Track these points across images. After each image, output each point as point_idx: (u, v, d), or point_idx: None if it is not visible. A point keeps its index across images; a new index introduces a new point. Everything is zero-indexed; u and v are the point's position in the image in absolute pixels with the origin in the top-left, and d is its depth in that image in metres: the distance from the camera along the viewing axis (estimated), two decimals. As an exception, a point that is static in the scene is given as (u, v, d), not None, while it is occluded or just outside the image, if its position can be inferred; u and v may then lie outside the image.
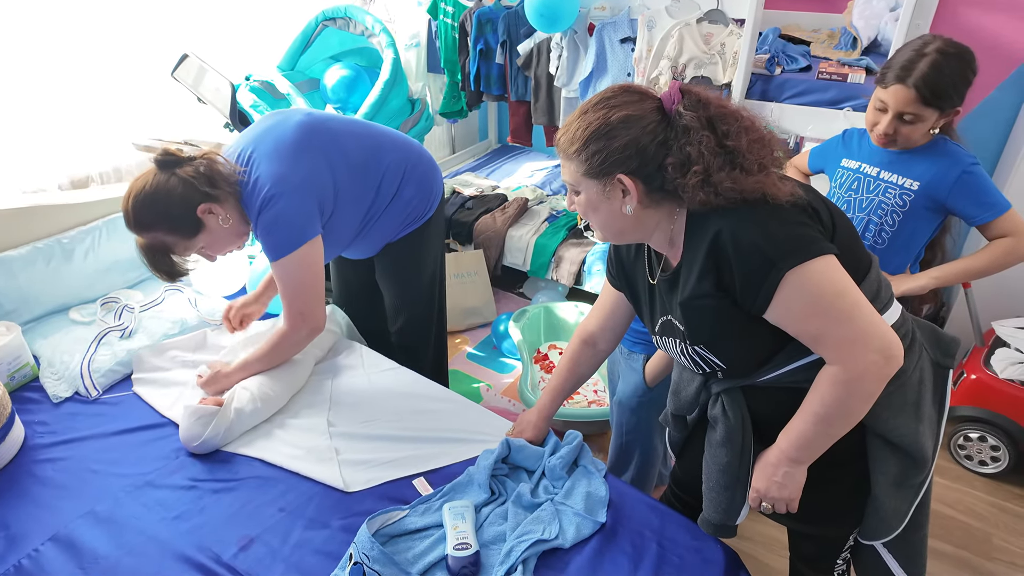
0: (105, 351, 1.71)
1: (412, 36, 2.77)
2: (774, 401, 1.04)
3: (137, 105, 2.15)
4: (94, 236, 1.96)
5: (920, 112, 1.42)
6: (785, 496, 1.04)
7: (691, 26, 1.98)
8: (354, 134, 1.57)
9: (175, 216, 1.38)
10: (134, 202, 1.37)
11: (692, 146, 0.91)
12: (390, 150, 1.62)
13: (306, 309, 1.50)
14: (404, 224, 1.67)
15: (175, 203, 1.37)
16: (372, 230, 1.64)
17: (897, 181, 1.53)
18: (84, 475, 1.40)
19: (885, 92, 1.45)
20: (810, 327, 0.91)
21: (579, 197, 1.01)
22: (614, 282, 1.24)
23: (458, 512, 1.25)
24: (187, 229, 1.40)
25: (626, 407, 1.63)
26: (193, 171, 1.39)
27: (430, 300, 1.86)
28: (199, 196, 1.38)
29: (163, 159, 1.39)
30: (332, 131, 1.53)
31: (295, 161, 1.44)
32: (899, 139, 1.49)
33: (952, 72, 1.39)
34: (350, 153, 1.54)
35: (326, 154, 1.49)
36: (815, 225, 0.92)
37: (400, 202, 1.64)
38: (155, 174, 1.39)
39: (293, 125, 1.48)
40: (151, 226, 1.38)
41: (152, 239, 1.40)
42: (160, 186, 1.37)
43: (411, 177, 1.64)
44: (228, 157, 1.47)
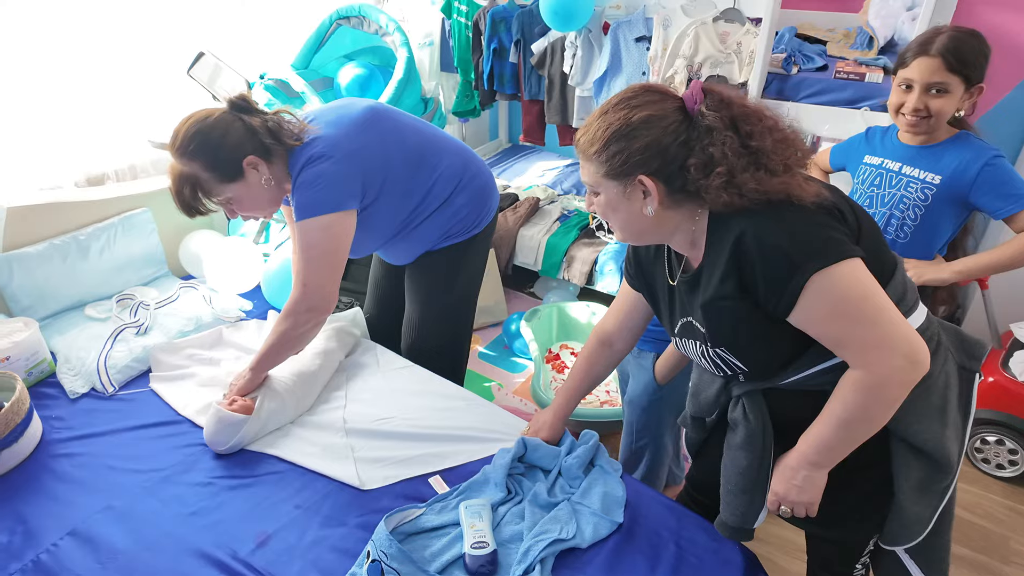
0: (121, 347, 1.72)
1: (425, 35, 2.77)
2: (795, 404, 1.03)
3: (152, 103, 2.15)
4: (110, 233, 1.97)
5: (947, 80, 1.40)
6: (805, 500, 1.03)
7: (707, 25, 1.97)
8: (417, 130, 1.55)
9: (221, 155, 1.34)
10: (188, 127, 1.33)
11: (715, 147, 0.90)
12: (450, 154, 1.58)
13: (312, 280, 1.40)
14: (448, 234, 1.61)
15: (228, 143, 1.33)
16: (414, 232, 1.59)
17: (919, 175, 1.52)
18: (101, 471, 1.41)
19: (908, 69, 1.44)
20: (834, 331, 0.90)
21: (599, 198, 1.01)
22: (632, 282, 1.23)
23: (475, 511, 1.25)
24: (226, 173, 1.35)
25: (637, 406, 1.62)
26: (260, 123, 1.36)
27: (452, 323, 1.76)
28: (253, 146, 1.35)
29: (238, 102, 1.36)
30: (396, 121, 1.52)
31: (352, 133, 1.42)
32: (931, 116, 1.45)
33: (971, 43, 1.40)
34: (408, 145, 1.51)
35: (383, 139, 1.47)
36: (841, 227, 0.91)
37: (449, 209, 1.58)
38: (223, 111, 1.36)
39: (361, 107, 1.48)
40: (193, 156, 1.33)
41: (188, 169, 1.35)
42: (222, 123, 1.34)
43: (466, 187, 1.59)
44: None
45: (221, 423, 1.40)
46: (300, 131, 1.40)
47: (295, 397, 1.53)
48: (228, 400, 1.44)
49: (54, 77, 1.93)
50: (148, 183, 2.13)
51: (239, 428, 1.40)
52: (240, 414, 1.40)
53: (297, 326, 1.44)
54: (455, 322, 1.79)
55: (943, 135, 1.51)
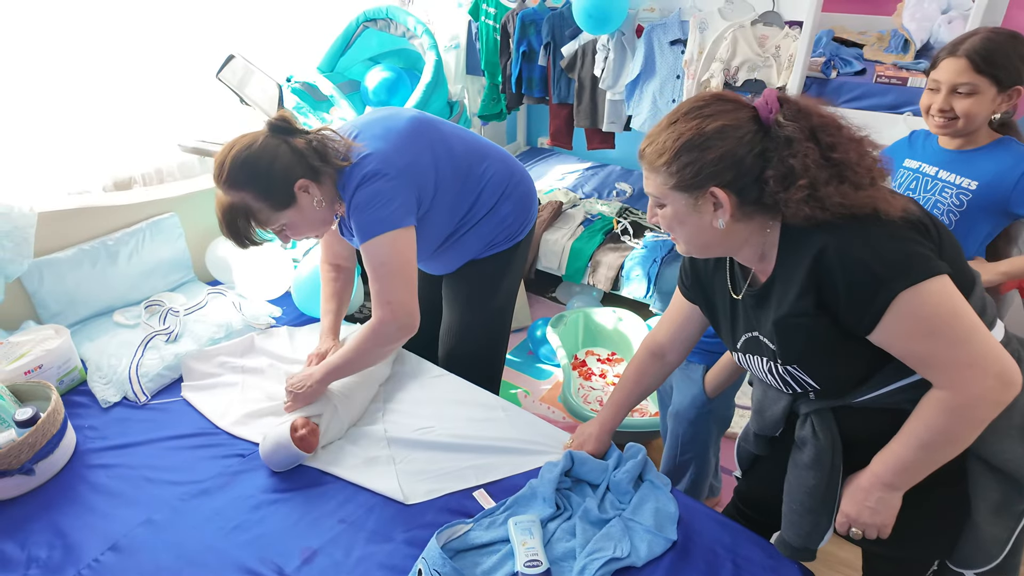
0: (152, 355, 1.70)
1: (452, 38, 2.74)
2: (869, 423, 1.00)
3: (179, 106, 2.13)
4: (138, 238, 1.94)
5: (974, 81, 1.37)
6: (878, 522, 1.00)
7: (745, 28, 1.93)
8: (462, 138, 1.52)
9: (272, 183, 1.29)
10: (234, 157, 1.27)
11: (795, 158, 0.87)
12: (496, 161, 1.55)
13: (395, 298, 1.36)
14: (493, 243, 1.59)
15: (277, 170, 1.28)
16: (460, 242, 1.56)
17: (955, 181, 1.49)
18: (139, 483, 1.38)
19: (937, 70, 1.43)
20: (920, 350, 0.87)
21: (664, 210, 0.98)
22: (688, 294, 1.20)
23: (525, 527, 1.22)
24: (278, 200, 1.31)
25: (683, 418, 1.59)
26: (305, 144, 1.32)
27: (492, 330, 1.74)
28: (302, 170, 1.31)
29: (278, 124, 1.31)
30: (442, 131, 1.48)
31: (403, 147, 1.37)
32: (959, 118, 1.42)
33: (1004, 43, 1.36)
34: (456, 155, 1.47)
35: (433, 150, 1.43)
36: (926, 242, 0.88)
37: (496, 217, 1.56)
38: (265, 136, 1.30)
39: (406, 118, 1.43)
40: (243, 186, 1.28)
41: (238, 199, 1.30)
42: (268, 149, 1.28)
43: (511, 194, 1.57)
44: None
45: (289, 456, 1.37)
46: (346, 150, 1.35)
47: (348, 415, 1.50)
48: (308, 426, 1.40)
49: (81, 80, 1.90)
50: (175, 187, 2.10)
51: (300, 460, 1.38)
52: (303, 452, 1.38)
53: (386, 343, 1.42)
54: (494, 330, 1.76)
55: (983, 139, 1.47)
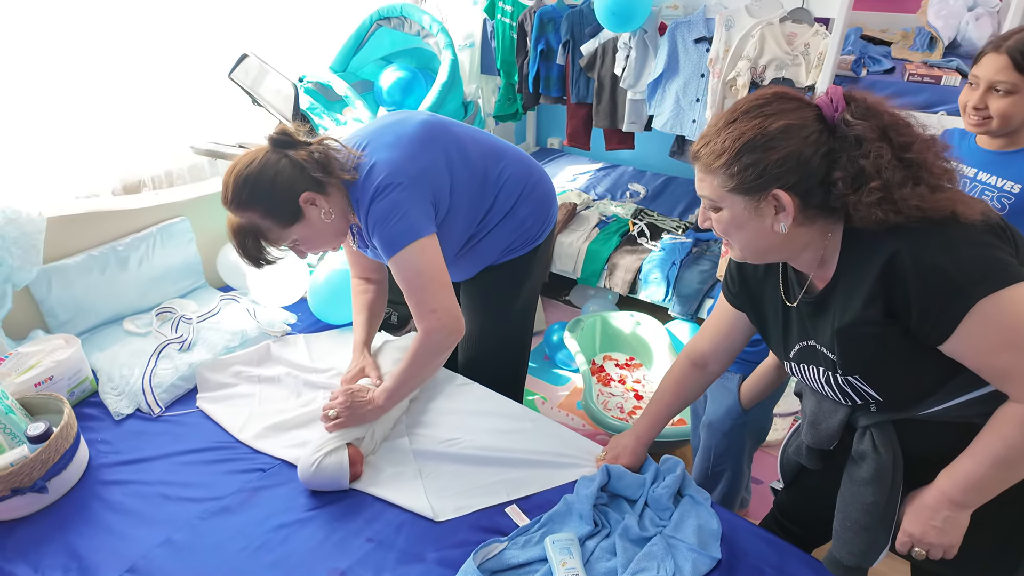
0: (166, 365, 1.64)
1: (467, 36, 2.69)
2: (934, 437, 0.95)
3: (190, 107, 2.08)
4: (148, 243, 1.89)
5: (1013, 80, 1.32)
6: (945, 543, 0.95)
7: (773, 25, 1.89)
8: (476, 140, 1.46)
9: (276, 200, 1.26)
10: (236, 178, 1.25)
11: (867, 159, 0.82)
12: (512, 162, 1.50)
13: (438, 304, 1.31)
14: (512, 247, 1.53)
15: (280, 186, 1.25)
16: (478, 247, 1.50)
17: (996, 183, 1.43)
18: (156, 500, 1.32)
19: (978, 66, 1.37)
20: (999, 362, 0.82)
21: (720, 214, 0.93)
22: (734, 301, 1.15)
23: (563, 546, 1.16)
24: (284, 216, 1.27)
25: (717, 430, 1.54)
26: (307, 155, 1.28)
27: (513, 336, 1.69)
28: (306, 182, 1.27)
29: (278, 138, 1.28)
30: (455, 133, 1.42)
31: (414, 154, 1.33)
32: (993, 117, 1.36)
33: None
34: (471, 157, 1.42)
35: (447, 153, 1.38)
36: (1007, 248, 0.83)
37: (514, 220, 1.50)
38: (266, 152, 1.27)
39: (417, 122, 1.38)
40: (248, 206, 1.26)
41: (246, 220, 1.27)
42: (269, 165, 1.25)
43: (529, 196, 1.51)
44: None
45: (337, 484, 1.32)
46: (351, 161, 1.31)
47: (382, 432, 1.45)
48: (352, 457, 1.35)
49: (88, 80, 1.85)
50: (185, 190, 2.05)
51: (347, 479, 1.33)
52: (352, 480, 1.33)
53: (439, 352, 1.38)
54: (515, 336, 1.71)
55: (1022, 134, 1.42)
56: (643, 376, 2.45)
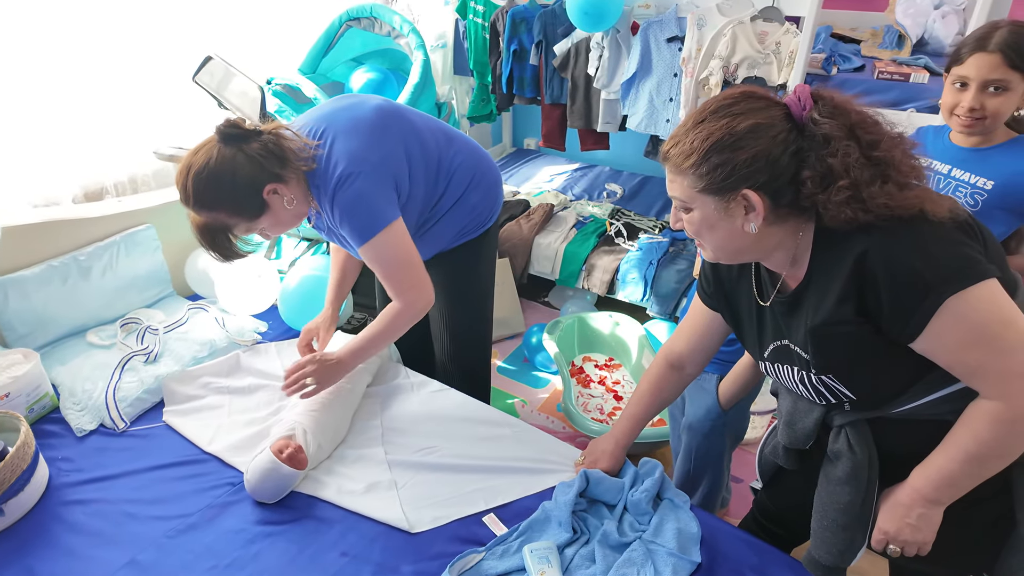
0: (130, 378, 1.59)
1: (438, 37, 2.65)
2: (907, 435, 0.94)
3: (153, 111, 2.02)
4: (112, 252, 1.83)
5: (1007, 77, 1.32)
6: (919, 539, 0.95)
7: (745, 24, 1.89)
8: (430, 128, 1.48)
9: (240, 197, 1.25)
10: (196, 180, 1.22)
11: (835, 158, 0.82)
12: (463, 149, 1.52)
13: (415, 282, 1.38)
14: (462, 232, 1.56)
15: (241, 184, 1.23)
16: (430, 233, 1.52)
17: (969, 180, 1.45)
18: (120, 519, 1.28)
19: (963, 66, 1.36)
20: (970, 359, 0.82)
21: (691, 215, 0.92)
22: (709, 301, 1.14)
23: (541, 555, 1.14)
24: (251, 211, 1.28)
25: (697, 431, 1.53)
26: (261, 147, 1.25)
27: (480, 318, 1.73)
28: (266, 176, 1.26)
29: (228, 131, 1.24)
30: (410, 120, 1.43)
31: (373, 141, 1.33)
32: (987, 117, 1.37)
33: None
34: (426, 145, 1.44)
35: (404, 140, 1.39)
36: (975, 245, 0.82)
37: (465, 206, 1.53)
38: (218, 148, 1.24)
39: (371, 107, 1.38)
40: (213, 206, 1.25)
41: (212, 219, 1.27)
42: (225, 163, 1.22)
43: (479, 183, 1.54)
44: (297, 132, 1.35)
45: (279, 479, 1.27)
46: (308, 153, 1.30)
47: (330, 431, 1.41)
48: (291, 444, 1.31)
49: (47, 83, 1.78)
50: (150, 197, 1.99)
51: (294, 482, 1.29)
52: (297, 469, 1.29)
53: (410, 323, 1.43)
54: (479, 319, 1.74)
55: (1000, 137, 1.44)
56: (622, 376, 2.45)
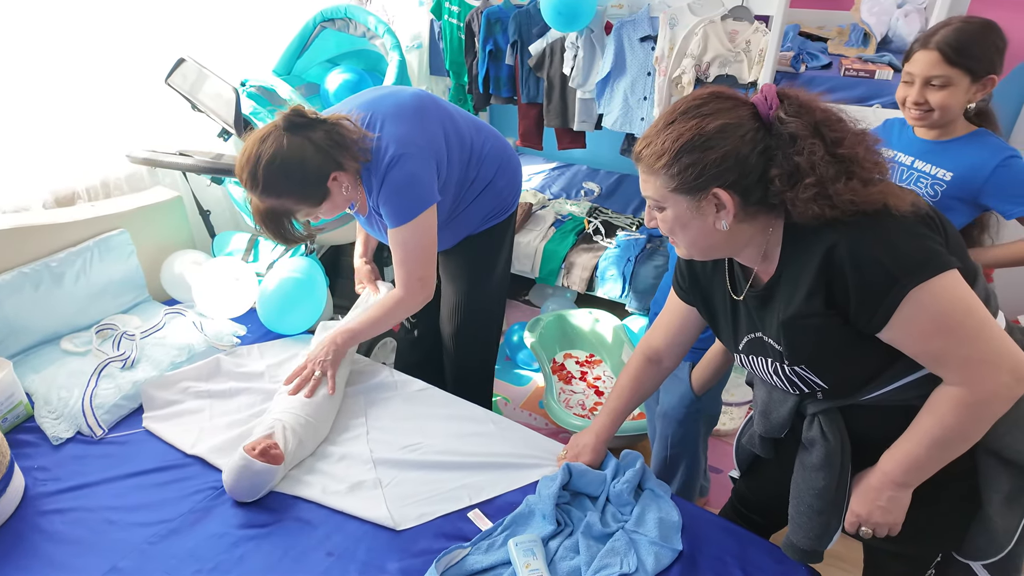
0: (107, 384, 1.57)
1: (413, 37, 2.65)
2: (877, 421, 0.98)
3: (125, 114, 1.99)
4: (85, 258, 1.80)
5: (946, 73, 1.38)
6: (889, 521, 0.99)
7: (715, 23, 1.92)
8: (460, 114, 1.54)
9: (309, 185, 1.31)
10: (267, 167, 1.26)
11: (801, 156, 0.84)
12: (490, 136, 1.60)
13: (426, 275, 1.45)
14: (490, 215, 1.62)
15: (311, 172, 1.29)
16: (461, 216, 1.58)
17: (930, 171, 1.50)
18: (100, 526, 1.26)
19: (910, 63, 1.43)
20: (933, 347, 0.85)
21: (664, 213, 0.94)
22: (685, 296, 1.17)
23: (526, 548, 1.16)
24: (316, 198, 1.34)
25: (672, 419, 1.56)
26: (326, 136, 1.30)
27: (498, 299, 1.79)
28: (332, 165, 1.31)
29: (294, 120, 1.29)
30: (443, 106, 1.50)
31: (417, 124, 1.39)
32: (934, 110, 1.42)
33: (975, 32, 1.37)
34: (461, 131, 1.50)
35: (443, 125, 1.45)
36: (936, 236, 0.86)
37: (493, 190, 1.59)
38: (285, 136, 1.28)
39: (410, 94, 1.45)
40: (282, 194, 1.30)
41: (278, 205, 1.32)
42: (296, 151, 1.27)
43: (506, 167, 1.61)
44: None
45: (254, 476, 1.27)
46: (361, 138, 1.36)
47: (312, 428, 1.41)
48: (264, 442, 1.31)
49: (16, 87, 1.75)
50: (124, 201, 1.96)
51: (271, 479, 1.28)
52: (271, 464, 1.28)
53: (410, 311, 1.52)
54: (496, 302, 1.81)
55: (960, 130, 1.49)
56: (603, 372, 2.48)
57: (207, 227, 2.16)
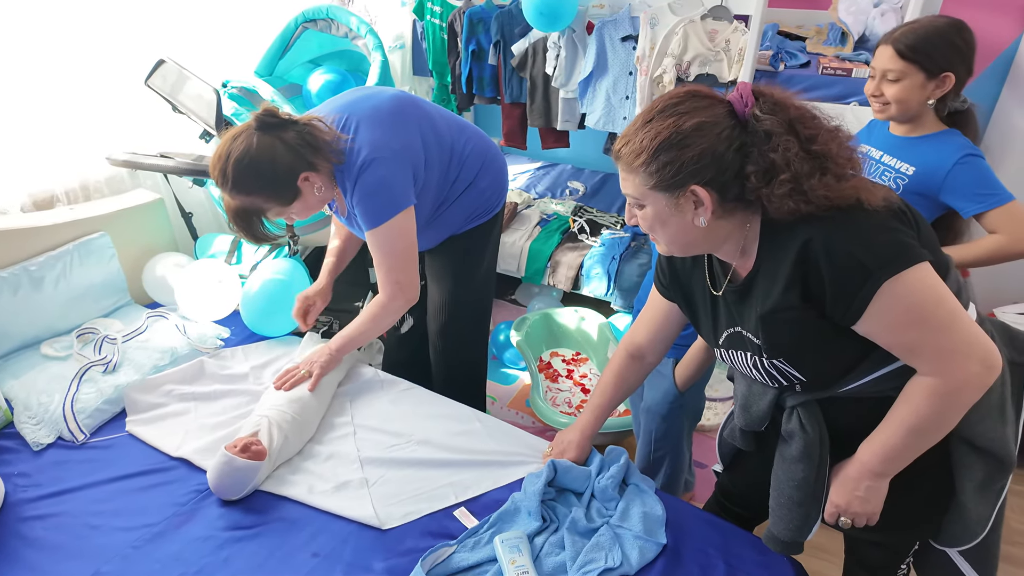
0: (89, 388, 1.55)
1: (396, 37, 2.65)
2: (854, 412, 1.00)
3: (104, 116, 1.97)
4: (65, 262, 1.78)
5: (899, 68, 1.41)
6: (868, 511, 1.01)
7: (695, 23, 1.94)
8: (442, 116, 1.55)
9: (278, 184, 1.32)
10: (236, 165, 1.28)
11: (776, 152, 0.86)
12: (472, 138, 1.60)
13: (404, 278, 1.47)
14: (473, 216, 1.63)
15: (281, 170, 1.31)
16: (443, 217, 1.59)
17: (894, 165, 1.52)
18: (83, 531, 1.25)
19: (873, 58, 1.48)
20: (906, 338, 0.87)
21: (643, 211, 0.95)
22: (666, 293, 1.18)
23: (512, 544, 1.17)
24: (286, 197, 1.35)
25: (656, 414, 1.57)
26: (297, 137, 1.32)
27: (484, 297, 1.80)
28: (303, 165, 1.33)
29: (266, 120, 1.31)
30: (424, 109, 1.51)
31: (394, 128, 1.41)
32: (890, 103, 1.46)
33: (934, 32, 1.40)
34: (440, 132, 1.51)
35: (420, 128, 1.46)
36: (908, 230, 0.88)
37: (475, 191, 1.60)
38: (256, 135, 1.30)
39: (388, 96, 1.46)
40: (252, 191, 1.32)
41: (248, 203, 1.34)
42: (266, 150, 1.29)
43: (489, 167, 1.61)
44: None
45: (235, 472, 1.27)
46: (335, 140, 1.37)
47: (298, 426, 1.41)
48: (246, 439, 1.31)
49: (-10, 90, 1.73)
50: (104, 204, 1.94)
51: (254, 475, 1.28)
52: (254, 460, 1.27)
53: (395, 316, 1.53)
54: (482, 302, 1.81)
55: (929, 128, 1.49)
56: (589, 370, 2.49)
57: (189, 229, 2.14)
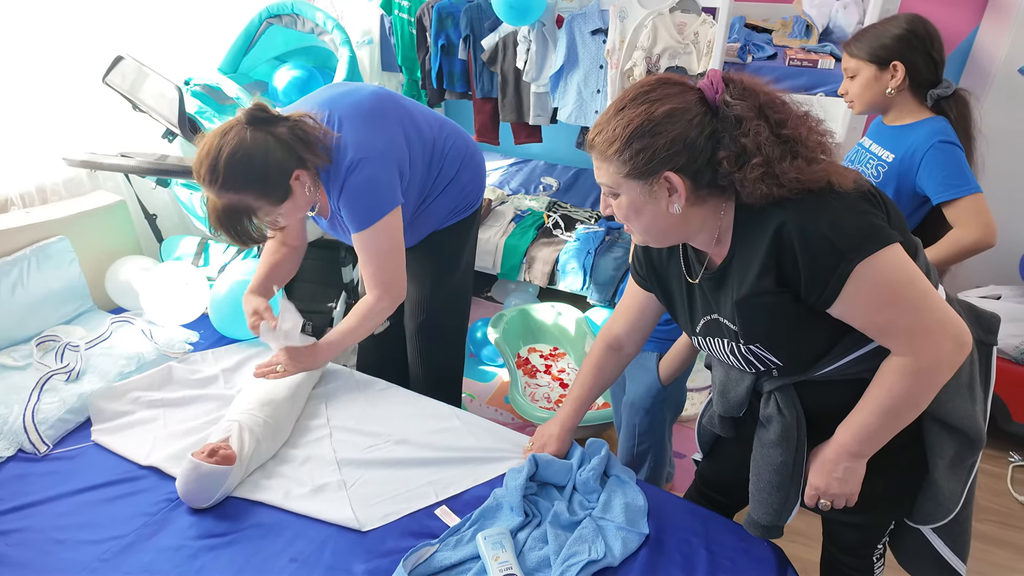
0: (51, 398, 1.50)
1: (364, 33, 2.61)
2: (830, 395, 1.01)
3: (60, 115, 1.89)
4: (21, 268, 1.71)
5: (852, 65, 1.51)
6: (846, 492, 1.02)
7: (664, 16, 1.95)
8: (422, 111, 1.53)
9: (271, 181, 1.26)
10: (229, 160, 1.21)
11: (747, 137, 0.86)
12: (452, 134, 1.58)
13: (390, 279, 1.45)
14: (455, 211, 1.62)
15: (274, 167, 1.25)
16: (425, 213, 1.57)
17: (877, 152, 1.56)
18: (47, 547, 1.20)
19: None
20: (880, 319, 0.88)
21: (618, 200, 0.95)
22: (642, 283, 1.18)
23: (495, 541, 1.15)
24: (278, 196, 1.29)
25: (639, 408, 1.58)
26: (288, 132, 1.27)
27: (465, 289, 1.80)
28: (295, 161, 1.28)
29: (256, 115, 1.25)
30: (404, 106, 1.48)
31: (377, 127, 1.38)
32: (852, 100, 1.55)
33: (881, 26, 1.48)
34: (421, 128, 1.49)
35: (403, 126, 1.44)
36: (878, 212, 0.89)
37: (457, 186, 1.58)
38: (247, 130, 1.24)
39: (368, 93, 1.43)
40: (242, 188, 1.24)
41: (237, 201, 1.26)
42: (258, 145, 1.23)
43: (469, 163, 1.60)
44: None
45: (202, 478, 1.23)
46: (324, 137, 1.33)
47: (270, 430, 1.38)
48: (213, 444, 1.27)
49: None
50: (62, 207, 1.87)
51: (223, 480, 1.24)
52: (223, 465, 1.24)
53: (381, 317, 1.50)
54: (461, 298, 1.81)
55: (914, 115, 1.51)
56: (567, 365, 2.49)
57: (154, 232, 2.08)
